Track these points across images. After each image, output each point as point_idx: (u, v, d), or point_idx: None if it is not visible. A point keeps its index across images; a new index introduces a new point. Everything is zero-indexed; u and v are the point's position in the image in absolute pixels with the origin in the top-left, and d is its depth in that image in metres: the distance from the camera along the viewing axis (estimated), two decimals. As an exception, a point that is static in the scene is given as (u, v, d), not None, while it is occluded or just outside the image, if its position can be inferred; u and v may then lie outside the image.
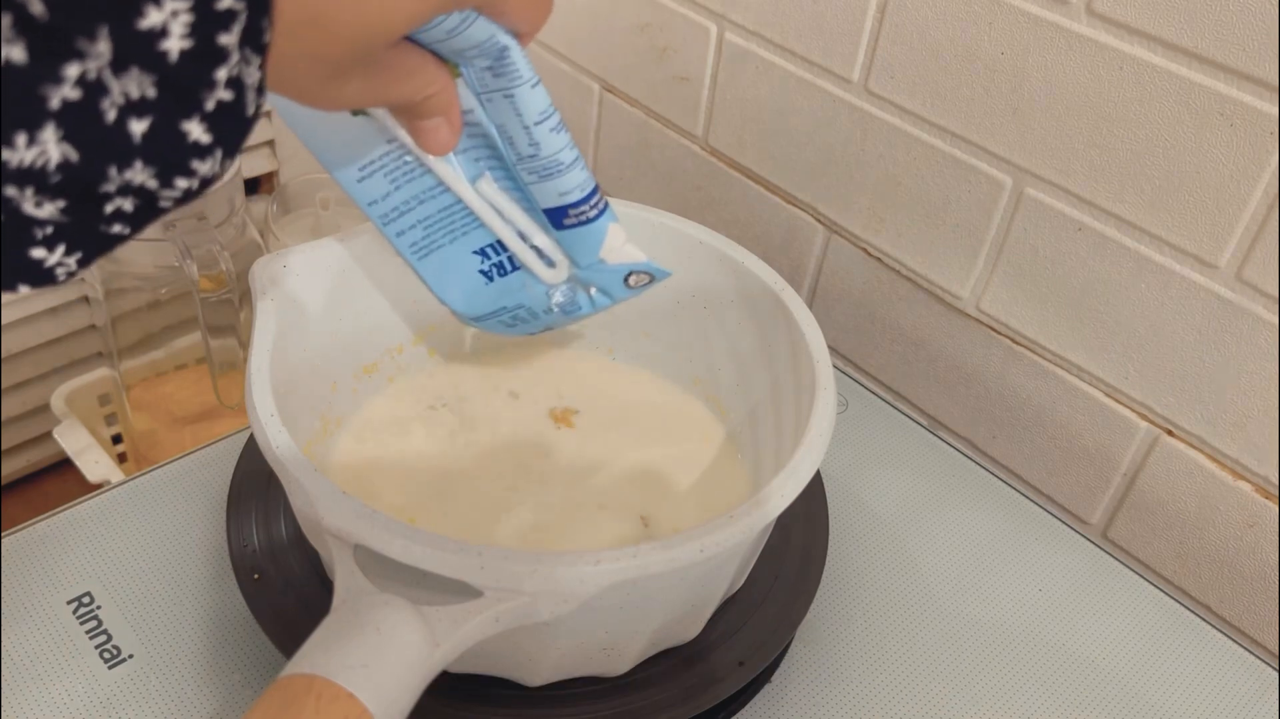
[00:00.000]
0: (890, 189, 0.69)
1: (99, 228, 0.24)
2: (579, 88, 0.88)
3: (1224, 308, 0.56)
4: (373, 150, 0.43)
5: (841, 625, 0.53)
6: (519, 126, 0.40)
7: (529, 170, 0.42)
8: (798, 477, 0.42)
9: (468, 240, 0.47)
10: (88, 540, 0.53)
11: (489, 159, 0.44)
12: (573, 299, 0.47)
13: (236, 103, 0.24)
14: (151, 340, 0.85)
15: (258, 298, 0.47)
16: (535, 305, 0.48)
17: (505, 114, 0.39)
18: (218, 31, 0.23)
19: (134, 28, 0.22)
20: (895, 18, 0.64)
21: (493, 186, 0.44)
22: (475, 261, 0.47)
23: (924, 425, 0.66)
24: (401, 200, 0.45)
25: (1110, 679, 0.52)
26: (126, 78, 0.22)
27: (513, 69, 0.37)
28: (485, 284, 0.48)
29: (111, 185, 0.23)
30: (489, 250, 0.47)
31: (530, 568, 0.37)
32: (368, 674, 0.33)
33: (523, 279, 0.47)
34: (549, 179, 0.42)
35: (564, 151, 0.41)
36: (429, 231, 0.46)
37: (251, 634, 0.49)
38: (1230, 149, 0.53)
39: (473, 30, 0.34)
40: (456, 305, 0.49)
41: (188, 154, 0.24)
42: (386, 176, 0.44)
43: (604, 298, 0.47)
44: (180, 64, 0.23)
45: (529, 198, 0.44)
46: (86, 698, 0.46)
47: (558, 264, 0.46)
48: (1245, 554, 0.60)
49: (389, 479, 0.51)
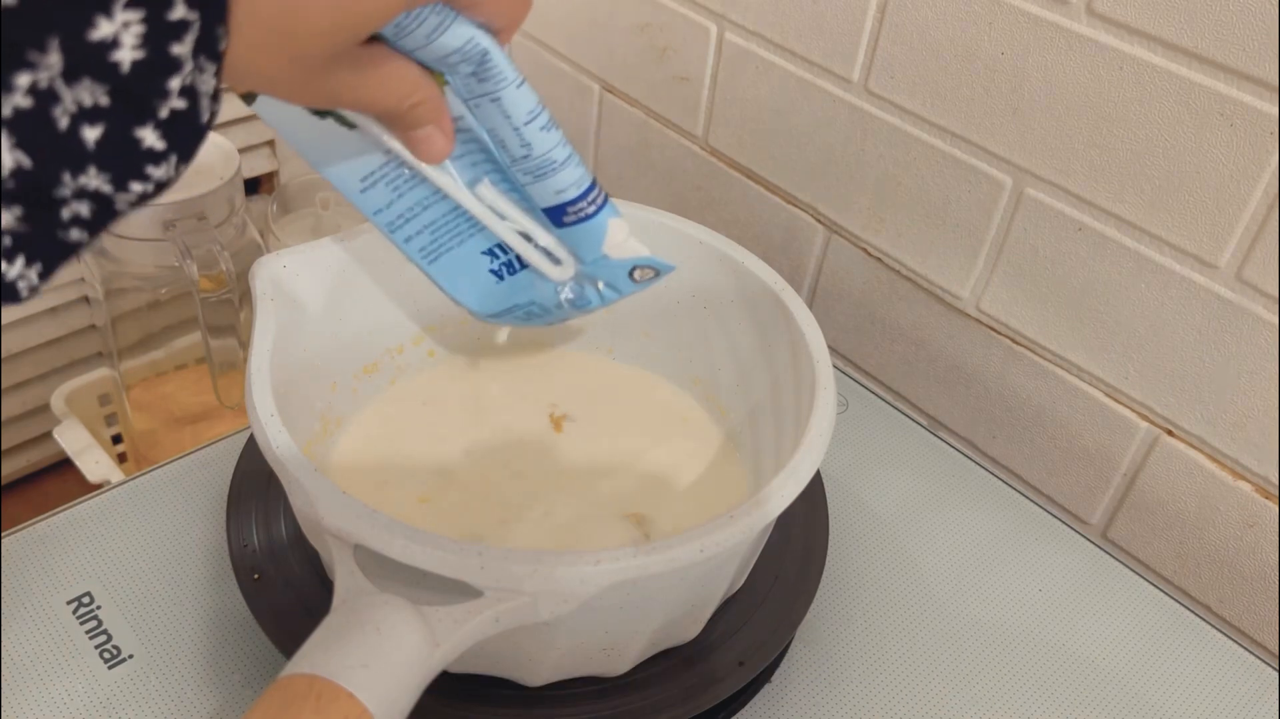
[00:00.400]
0: (890, 189, 0.69)
1: (57, 234, 0.24)
2: (579, 88, 0.88)
3: (1224, 308, 0.56)
4: (372, 161, 0.43)
5: (841, 625, 0.53)
6: (509, 129, 0.40)
7: (524, 171, 0.42)
8: (798, 477, 0.42)
9: (475, 242, 0.47)
10: (88, 540, 0.53)
11: (485, 163, 0.44)
12: (582, 294, 0.47)
13: (190, 110, 0.25)
14: (151, 340, 0.85)
15: (258, 298, 0.47)
16: (546, 301, 0.48)
17: (494, 117, 0.40)
18: (170, 42, 0.23)
19: (85, 39, 0.22)
20: (895, 18, 0.64)
21: (492, 190, 0.45)
22: (485, 262, 0.48)
23: (924, 425, 0.66)
24: (406, 207, 0.45)
25: (1110, 679, 0.52)
26: (78, 87, 0.22)
27: (496, 72, 0.37)
28: (497, 283, 0.48)
29: (66, 190, 0.23)
30: (497, 250, 0.47)
31: (530, 568, 0.37)
32: (368, 674, 0.33)
33: (532, 277, 0.48)
34: (544, 178, 0.42)
35: (556, 149, 0.41)
36: (436, 236, 0.46)
37: (251, 634, 0.49)
38: (1230, 149, 0.53)
39: (450, 34, 0.34)
40: (472, 305, 0.49)
41: (142, 160, 0.24)
42: (388, 185, 0.44)
43: (612, 292, 0.47)
44: (132, 74, 0.23)
45: (528, 198, 0.44)
46: (86, 698, 0.46)
47: (564, 261, 0.46)
48: (1245, 554, 0.60)
49: (389, 479, 0.51)
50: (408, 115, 0.36)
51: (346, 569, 0.38)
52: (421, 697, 0.35)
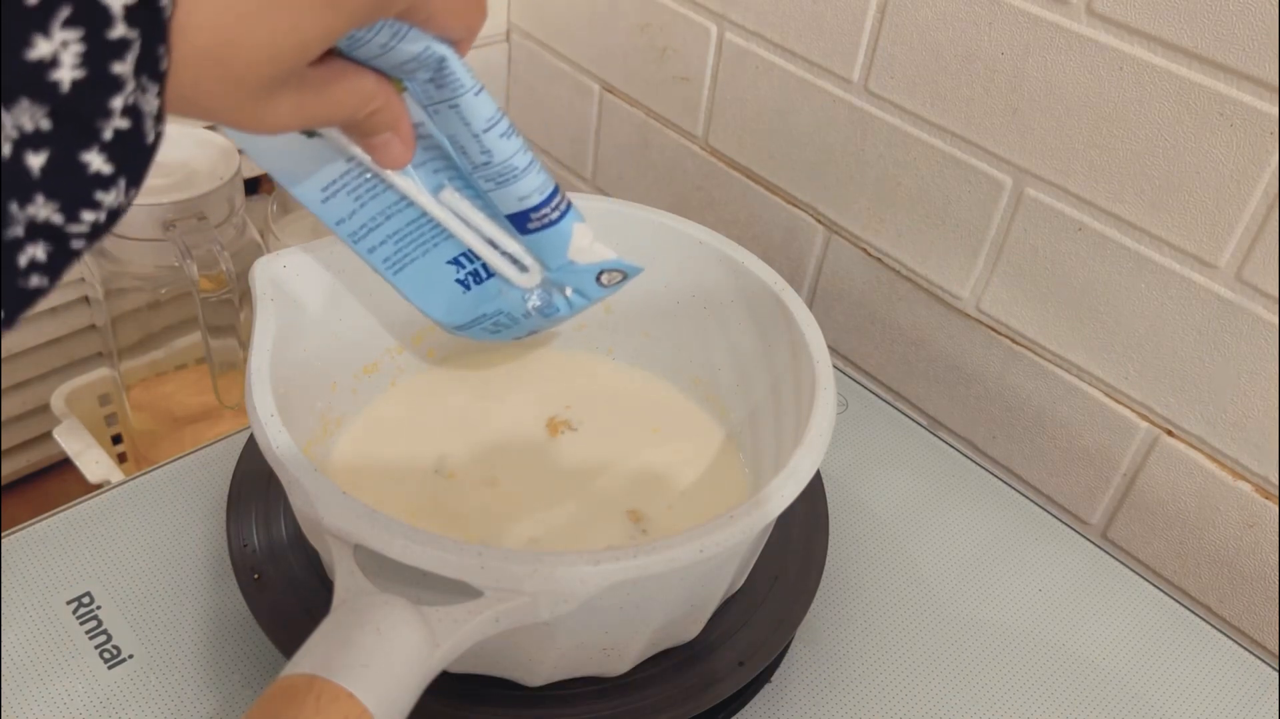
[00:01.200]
0: (890, 189, 0.69)
1: (16, 283, 0.24)
2: (579, 88, 0.88)
3: (1224, 308, 0.56)
4: (334, 169, 0.43)
5: (841, 625, 0.53)
6: (468, 135, 0.40)
7: (485, 178, 0.42)
8: (798, 477, 0.42)
9: (440, 251, 0.47)
10: (88, 540, 0.53)
11: (447, 170, 0.44)
12: (550, 302, 0.47)
13: (135, 131, 0.24)
14: (151, 340, 0.84)
15: (258, 298, 0.47)
16: (514, 310, 0.48)
17: (453, 124, 0.39)
18: (111, 60, 0.23)
19: (22, 59, 0.21)
20: (895, 18, 0.64)
21: (456, 196, 0.44)
22: (450, 271, 0.47)
23: (924, 425, 0.66)
24: (369, 217, 0.45)
25: (1110, 679, 0.52)
26: (18, 109, 0.22)
27: (453, 79, 0.37)
28: (463, 293, 0.48)
29: (18, 227, 0.23)
30: (462, 259, 0.47)
31: (530, 568, 0.37)
32: (368, 674, 0.33)
33: (499, 285, 0.47)
34: (506, 185, 0.42)
35: (517, 156, 0.41)
36: (400, 245, 0.46)
37: (251, 634, 0.49)
38: (1230, 149, 0.53)
39: (406, 43, 0.34)
40: (438, 316, 0.49)
41: (90, 186, 0.24)
42: (350, 194, 0.44)
43: (580, 298, 0.47)
44: (73, 94, 0.22)
45: (491, 205, 0.44)
46: (86, 698, 0.46)
47: (530, 268, 0.46)
48: (1245, 554, 0.60)
49: (389, 479, 0.51)
50: (365, 123, 0.36)
51: (346, 569, 0.38)
52: (421, 697, 0.35)
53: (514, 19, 0.93)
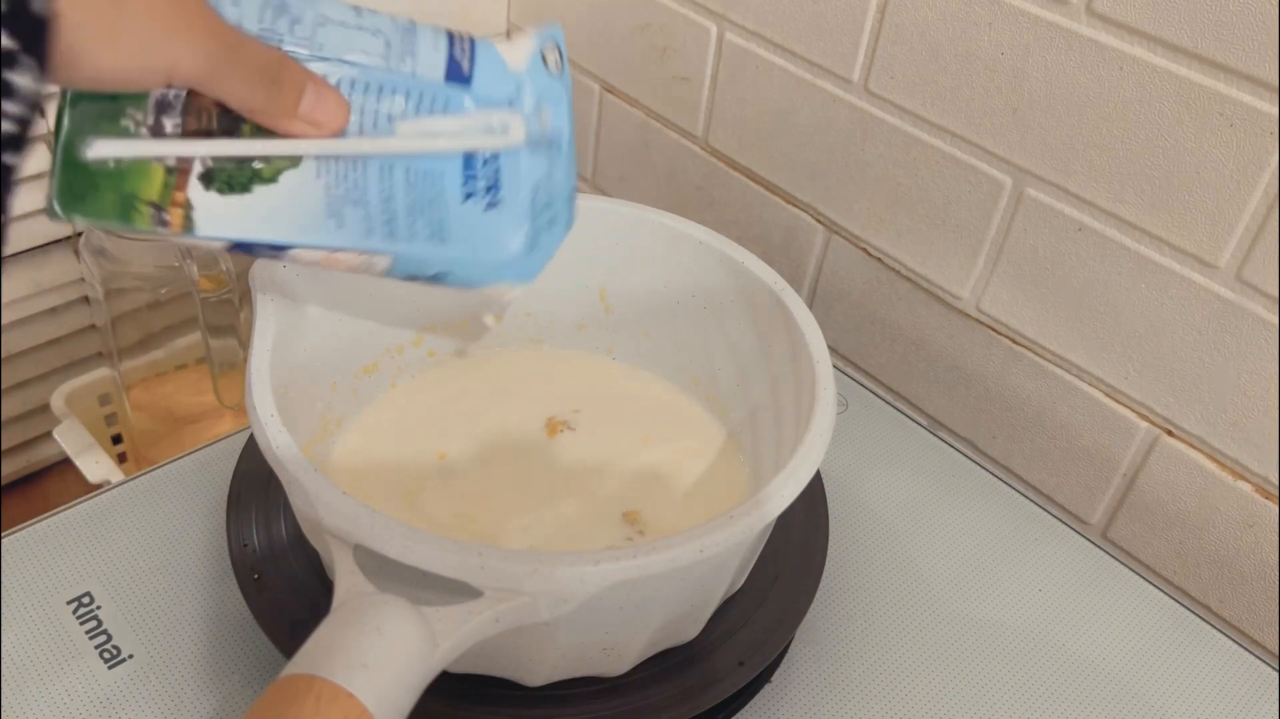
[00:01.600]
0: (890, 189, 0.69)
1: None
2: (579, 88, 0.88)
3: (1224, 308, 0.56)
4: (315, 194, 0.41)
5: (841, 625, 0.53)
6: (353, 30, 0.40)
7: (397, 58, 0.41)
8: (798, 477, 0.42)
9: (449, 190, 0.43)
10: (88, 540, 0.53)
11: (377, 107, 0.41)
12: (543, 134, 0.45)
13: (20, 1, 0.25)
14: (151, 340, 0.84)
15: (258, 298, 0.47)
16: (538, 175, 0.45)
17: (335, 38, 0.39)
18: None
19: None
20: (895, 18, 0.64)
21: (407, 121, 0.42)
22: (474, 207, 0.44)
23: (924, 425, 0.66)
24: (377, 206, 0.43)
25: (1110, 679, 0.52)
26: None
27: None
28: (498, 214, 0.44)
29: None
30: (469, 183, 0.44)
31: (530, 568, 0.37)
32: (368, 674, 0.33)
33: (514, 177, 0.44)
34: (412, 52, 0.41)
35: (393, 22, 0.41)
36: (415, 214, 0.43)
37: (251, 634, 0.49)
38: (1230, 149, 0.53)
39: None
40: (503, 257, 0.45)
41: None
42: (350, 200, 0.42)
43: (554, 104, 0.45)
44: None
45: (430, 96, 0.42)
46: (86, 698, 0.46)
47: (509, 124, 0.44)
48: (1245, 554, 0.60)
49: (389, 479, 0.51)
50: (284, 79, 0.36)
51: (346, 569, 0.38)
52: (421, 697, 0.35)
53: (514, 19, 0.93)
